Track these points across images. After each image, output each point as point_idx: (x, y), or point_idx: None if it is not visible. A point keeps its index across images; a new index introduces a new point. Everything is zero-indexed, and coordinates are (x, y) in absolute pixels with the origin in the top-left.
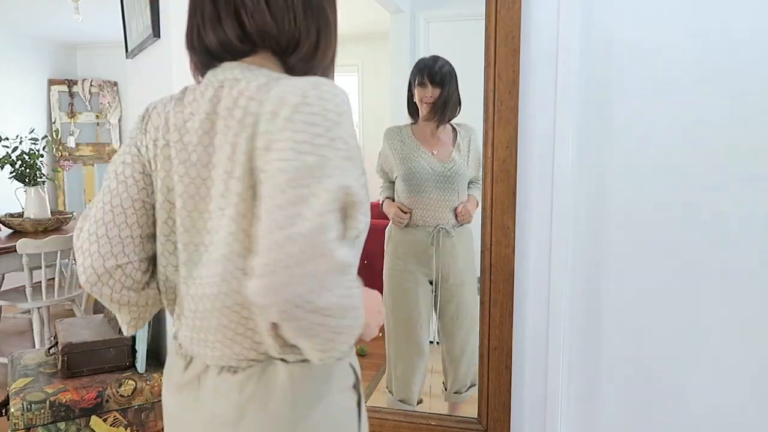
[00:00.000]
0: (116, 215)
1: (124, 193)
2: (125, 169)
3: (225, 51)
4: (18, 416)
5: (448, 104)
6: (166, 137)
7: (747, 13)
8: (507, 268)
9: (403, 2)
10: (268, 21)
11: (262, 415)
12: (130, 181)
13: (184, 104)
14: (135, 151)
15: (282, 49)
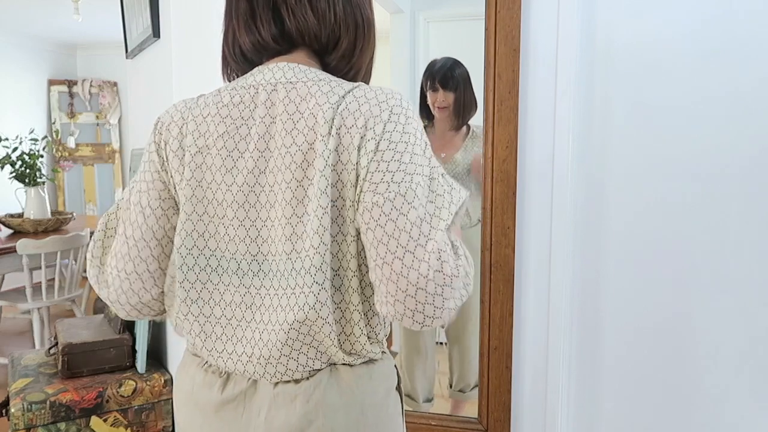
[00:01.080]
0: (141, 249)
1: (144, 225)
2: (141, 198)
3: (259, 53)
4: (18, 416)
5: (462, 109)
6: (197, 143)
7: (748, 14)
8: (507, 268)
9: (403, 2)
10: (310, 18)
11: (331, 421)
12: (148, 211)
13: (224, 106)
14: (150, 176)
15: (322, 47)
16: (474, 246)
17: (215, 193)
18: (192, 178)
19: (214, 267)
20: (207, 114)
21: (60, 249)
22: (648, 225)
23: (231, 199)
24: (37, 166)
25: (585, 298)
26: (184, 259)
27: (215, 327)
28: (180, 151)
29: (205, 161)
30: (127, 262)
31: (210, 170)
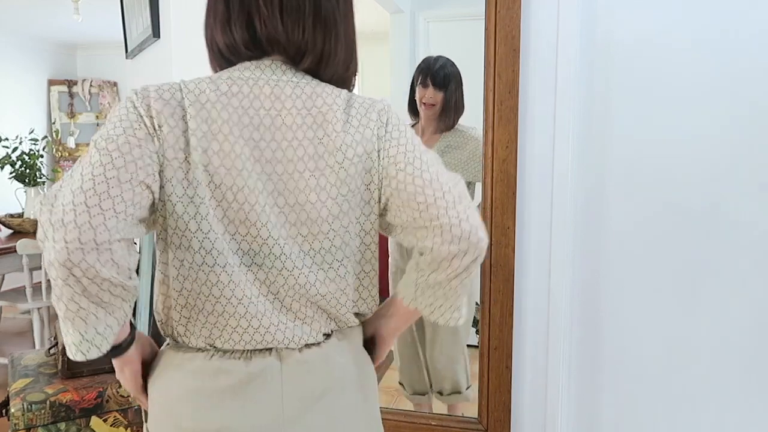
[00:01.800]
0: (111, 187)
1: (123, 169)
2: (133, 150)
3: (233, 54)
4: (18, 416)
5: (450, 109)
6: (201, 128)
7: (749, 14)
8: (507, 268)
9: (403, 2)
10: (279, 30)
11: (349, 374)
12: (140, 162)
13: (223, 94)
14: (135, 140)
15: (290, 58)
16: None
17: (246, 180)
18: (210, 163)
19: (245, 251)
20: (206, 100)
21: None
22: (648, 225)
23: (261, 187)
24: (37, 166)
25: (585, 298)
26: (213, 244)
27: (237, 307)
28: (187, 133)
29: (222, 148)
30: (90, 197)
31: (228, 156)
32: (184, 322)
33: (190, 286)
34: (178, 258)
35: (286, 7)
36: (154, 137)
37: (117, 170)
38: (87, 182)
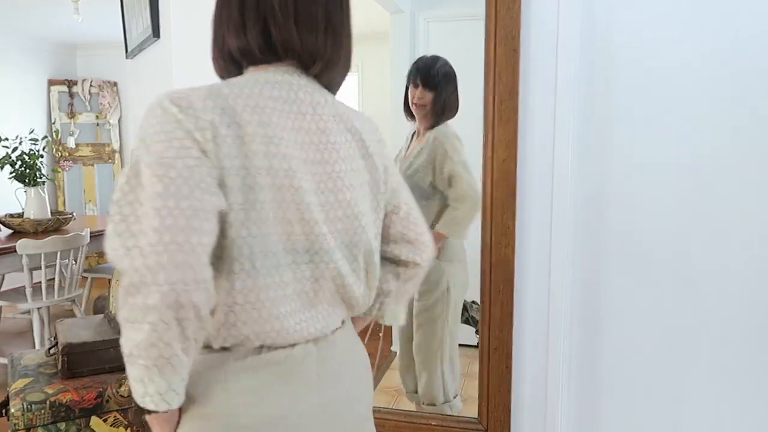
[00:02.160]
0: (190, 219)
1: (193, 198)
2: (194, 174)
3: (243, 57)
4: (18, 416)
5: (440, 109)
6: (258, 132)
7: (749, 14)
8: (507, 268)
9: (403, 2)
10: (294, 36)
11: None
12: (203, 185)
13: (269, 98)
14: (193, 161)
15: (302, 63)
16: (474, 246)
17: (301, 181)
18: (271, 167)
19: (297, 249)
20: (255, 105)
21: (60, 249)
22: (648, 225)
23: (309, 187)
24: (37, 166)
25: (585, 298)
26: (269, 246)
27: (285, 306)
28: (243, 138)
29: (280, 150)
30: (170, 234)
31: (285, 158)
32: (232, 325)
33: (243, 290)
34: (233, 264)
35: (300, 15)
36: (208, 152)
37: (188, 200)
38: (166, 217)
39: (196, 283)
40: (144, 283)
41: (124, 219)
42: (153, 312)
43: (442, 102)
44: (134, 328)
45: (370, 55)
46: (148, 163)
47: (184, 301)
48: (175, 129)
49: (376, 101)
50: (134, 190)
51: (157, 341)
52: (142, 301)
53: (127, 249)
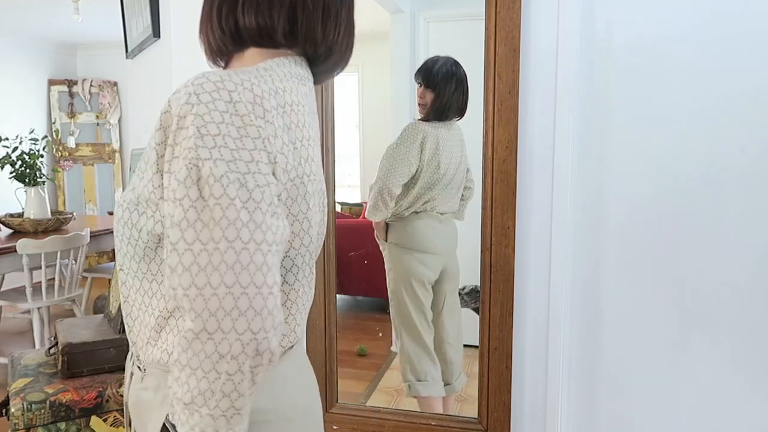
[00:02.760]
0: (273, 254)
1: (274, 225)
2: (265, 195)
3: (258, 36)
4: (18, 416)
5: (438, 108)
6: (297, 135)
7: (749, 13)
8: (507, 268)
9: (403, 2)
10: (318, 28)
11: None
12: (273, 209)
13: (304, 95)
14: (266, 167)
15: (316, 56)
16: (474, 246)
17: (320, 183)
18: (313, 173)
19: (315, 251)
20: (298, 103)
21: (60, 249)
22: (648, 225)
23: (320, 188)
24: (37, 166)
25: (585, 298)
26: (312, 254)
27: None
28: (295, 144)
29: (309, 153)
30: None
31: (315, 162)
32: (293, 327)
33: (287, 302)
34: (287, 276)
35: (327, 7)
36: (277, 165)
37: (262, 230)
38: (242, 253)
39: (275, 329)
40: (221, 330)
41: (189, 248)
42: (230, 362)
43: (442, 101)
44: (199, 376)
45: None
46: (217, 173)
47: (263, 349)
48: (243, 135)
49: (376, 101)
50: (195, 207)
51: (230, 392)
52: (214, 348)
53: (199, 288)
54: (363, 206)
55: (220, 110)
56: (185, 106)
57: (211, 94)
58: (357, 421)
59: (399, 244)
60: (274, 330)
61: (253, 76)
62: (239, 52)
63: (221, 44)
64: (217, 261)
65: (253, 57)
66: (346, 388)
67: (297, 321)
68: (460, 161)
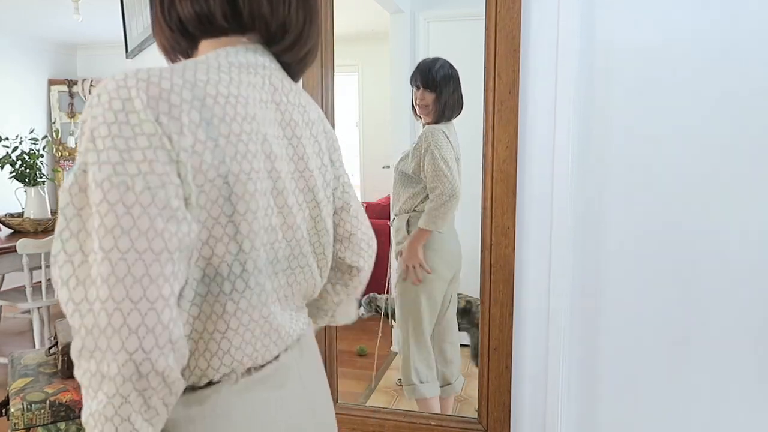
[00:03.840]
0: (164, 263)
1: (165, 231)
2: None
3: (202, 26)
4: (18, 416)
5: (440, 109)
6: (233, 129)
7: (748, 20)
8: (507, 268)
9: (403, 2)
10: (263, 3)
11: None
12: (167, 212)
13: (249, 86)
14: (161, 167)
15: (270, 36)
16: (474, 246)
17: (286, 181)
18: (258, 170)
19: (279, 258)
20: (236, 95)
21: None
22: (648, 225)
23: (293, 186)
24: (37, 165)
25: (585, 298)
26: (255, 263)
27: (266, 325)
28: (222, 141)
29: (248, 149)
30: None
31: (270, 159)
32: (225, 353)
33: (236, 312)
34: (224, 285)
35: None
36: (183, 163)
37: (146, 238)
38: (118, 264)
39: (160, 348)
40: (98, 349)
41: (69, 259)
42: (108, 383)
43: (444, 102)
44: (91, 395)
45: (370, 54)
46: (98, 178)
47: (144, 371)
48: (138, 132)
49: (376, 101)
50: (80, 215)
51: (112, 416)
52: (96, 368)
53: (76, 304)
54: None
55: (114, 109)
56: (86, 110)
57: (109, 93)
58: (357, 421)
59: (429, 248)
60: (159, 348)
61: (168, 70)
62: (194, 48)
63: (173, 42)
64: (94, 274)
65: (205, 50)
66: (346, 388)
67: (243, 338)
68: (460, 160)
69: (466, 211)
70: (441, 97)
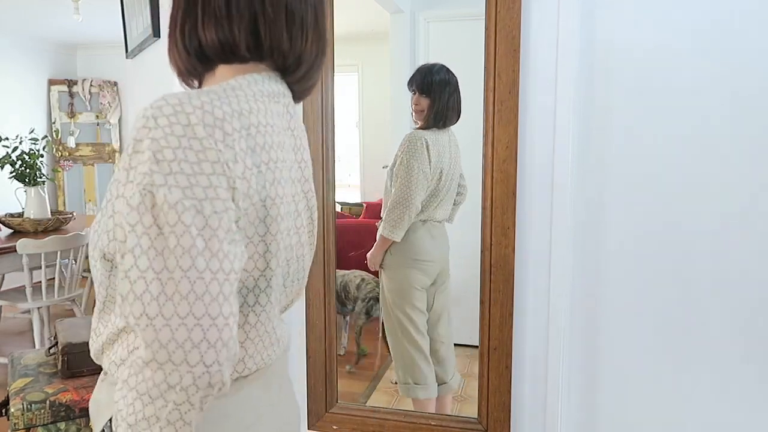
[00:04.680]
0: (222, 283)
1: (231, 253)
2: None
3: (222, 53)
4: (18, 416)
5: (434, 114)
6: (268, 156)
7: (747, 21)
8: (507, 268)
9: (403, 2)
10: (284, 36)
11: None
12: (230, 236)
13: (275, 115)
14: (224, 192)
15: (285, 67)
16: (474, 246)
17: (298, 203)
18: (285, 194)
19: (286, 275)
20: (267, 124)
21: (60, 249)
22: (648, 225)
23: (302, 207)
24: (37, 165)
25: (585, 298)
26: (269, 281)
27: (273, 336)
28: (262, 167)
29: (276, 176)
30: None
31: (290, 183)
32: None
33: (256, 324)
34: (248, 296)
35: (291, 13)
36: (237, 190)
37: (218, 258)
38: (196, 283)
39: (229, 360)
40: (171, 362)
41: (142, 275)
42: (179, 393)
43: (437, 108)
44: (145, 402)
45: (370, 55)
46: (171, 200)
47: (215, 381)
48: (202, 159)
49: (376, 101)
50: (148, 234)
51: (176, 421)
52: (163, 378)
53: (150, 318)
54: (363, 206)
55: (177, 134)
56: (142, 130)
57: (168, 117)
58: (357, 421)
59: (399, 256)
60: (228, 362)
61: (216, 98)
62: (210, 71)
63: (189, 66)
64: (171, 291)
65: (223, 74)
66: (346, 388)
67: (256, 347)
68: (457, 167)
69: (466, 210)
70: (435, 103)
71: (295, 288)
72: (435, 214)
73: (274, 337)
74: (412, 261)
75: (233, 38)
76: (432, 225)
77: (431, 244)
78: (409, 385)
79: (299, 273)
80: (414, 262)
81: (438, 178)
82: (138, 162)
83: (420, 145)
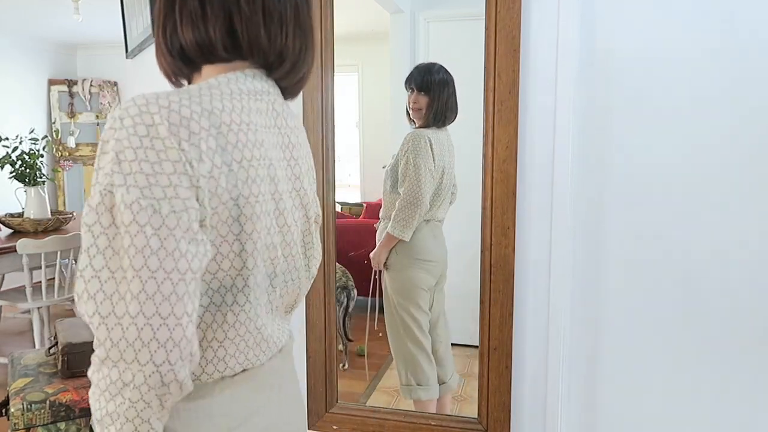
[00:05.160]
0: (189, 282)
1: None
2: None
3: (202, 54)
4: (18, 416)
5: (433, 113)
6: (244, 155)
7: (750, 16)
8: (507, 268)
9: (403, 2)
10: (261, 33)
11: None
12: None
13: (255, 112)
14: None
15: (268, 64)
16: (474, 246)
17: (286, 201)
18: (264, 192)
19: (276, 273)
20: (247, 122)
21: (60, 249)
22: (648, 225)
23: (291, 204)
24: (37, 165)
25: (585, 297)
26: (256, 279)
27: (257, 336)
28: (235, 166)
29: (256, 173)
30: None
31: (274, 182)
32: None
33: (235, 324)
34: (227, 296)
35: (268, 9)
36: (201, 189)
37: (173, 258)
38: (148, 282)
39: (182, 360)
40: (123, 360)
41: (96, 275)
42: (132, 390)
43: (437, 107)
44: (107, 398)
45: (370, 55)
46: (127, 200)
47: (168, 380)
48: (163, 158)
49: (376, 101)
50: (106, 234)
51: (134, 418)
52: (118, 376)
53: (103, 317)
54: (363, 206)
55: (139, 134)
56: (109, 131)
57: (133, 118)
58: (357, 421)
59: (405, 255)
60: (181, 361)
61: (186, 97)
62: (197, 72)
63: (175, 68)
64: (124, 290)
65: (209, 74)
66: (346, 388)
67: (237, 347)
68: (453, 166)
69: (466, 210)
70: (435, 102)
71: (290, 288)
72: (437, 214)
73: (260, 337)
74: (417, 261)
75: (209, 39)
76: (434, 225)
77: (434, 243)
78: (412, 386)
79: (292, 273)
80: (419, 262)
81: (440, 177)
82: (104, 162)
83: (424, 144)
